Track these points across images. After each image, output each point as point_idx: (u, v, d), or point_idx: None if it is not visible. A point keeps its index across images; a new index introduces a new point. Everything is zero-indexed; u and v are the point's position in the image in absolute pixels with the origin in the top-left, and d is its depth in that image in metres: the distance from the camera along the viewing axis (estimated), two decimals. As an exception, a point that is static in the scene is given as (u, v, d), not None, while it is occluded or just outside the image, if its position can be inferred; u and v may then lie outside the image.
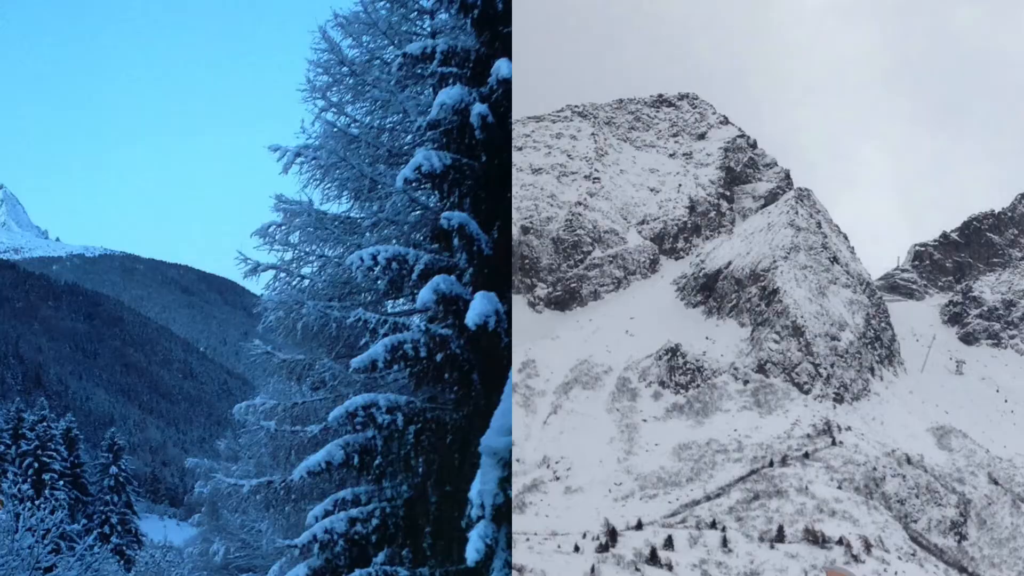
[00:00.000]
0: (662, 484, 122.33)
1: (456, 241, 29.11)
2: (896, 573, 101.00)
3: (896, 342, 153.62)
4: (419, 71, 31.47)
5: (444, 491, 30.00)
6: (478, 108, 28.32)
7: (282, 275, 36.93)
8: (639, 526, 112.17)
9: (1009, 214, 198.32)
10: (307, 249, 36.82)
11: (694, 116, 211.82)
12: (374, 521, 30.51)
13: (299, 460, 33.10)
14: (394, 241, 33.91)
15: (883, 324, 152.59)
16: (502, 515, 24.50)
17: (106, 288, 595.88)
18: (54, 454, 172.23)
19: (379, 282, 32.17)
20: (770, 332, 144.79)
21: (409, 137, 35.51)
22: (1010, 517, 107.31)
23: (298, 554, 32.12)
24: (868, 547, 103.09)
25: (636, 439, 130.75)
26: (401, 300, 35.53)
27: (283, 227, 36.38)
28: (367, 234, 34.72)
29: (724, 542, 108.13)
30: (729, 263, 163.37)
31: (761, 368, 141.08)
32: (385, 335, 30.09)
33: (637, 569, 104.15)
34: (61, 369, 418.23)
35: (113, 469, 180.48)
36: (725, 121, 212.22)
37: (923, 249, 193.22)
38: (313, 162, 34.94)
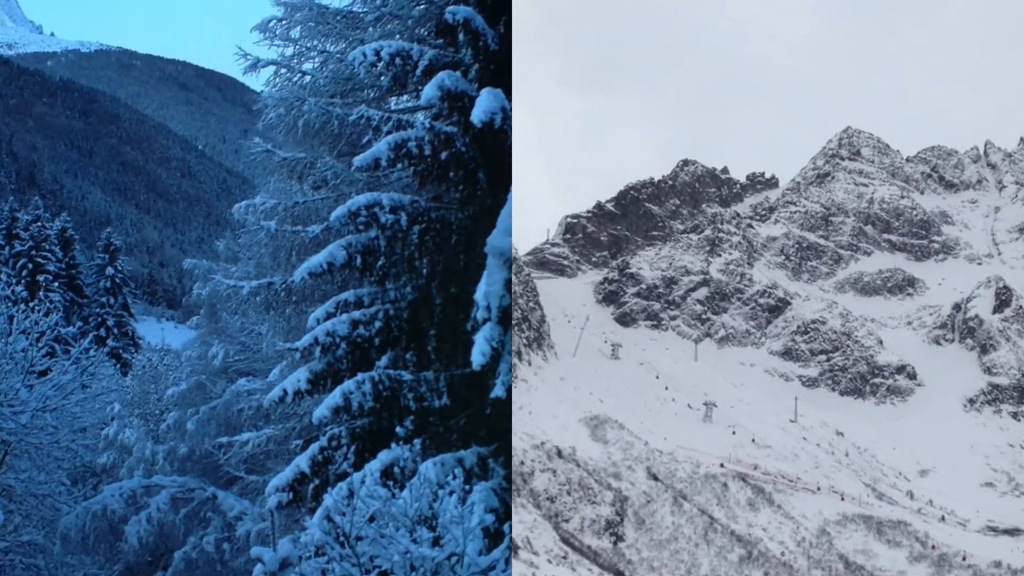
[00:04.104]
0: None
1: (461, 36, 28.90)
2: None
3: (546, 323, 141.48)
4: None
5: (449, 293, 30.21)
6: None
7: (283, 71, 36.73)
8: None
9: (670, 183, 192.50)
10: (308, 44, 36.55)
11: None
12: (377, 324, 30.75)
13: (300, 261, 33.21)
14: (397, 36, 33.59)
15: (531, 304, 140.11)
16: (508, 317, 24.75)
17: (102, 85, 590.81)
18: (49, 255, 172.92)
19: (382, 78, 31.99)
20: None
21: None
22: (671, 516, 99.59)
23: (299, 357, 32.47)
24: (515, 549, 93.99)
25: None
26: (405, 97, 35.32)
27: (284, 22, 36.06)
28: (370, 29, 34.38)
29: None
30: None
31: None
32: (388, 133, 30.03)
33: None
34: (56, 168, 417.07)
35: (109, 270, 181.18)
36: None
37: (575, 221, 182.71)
38: (314, -45, 34.54)
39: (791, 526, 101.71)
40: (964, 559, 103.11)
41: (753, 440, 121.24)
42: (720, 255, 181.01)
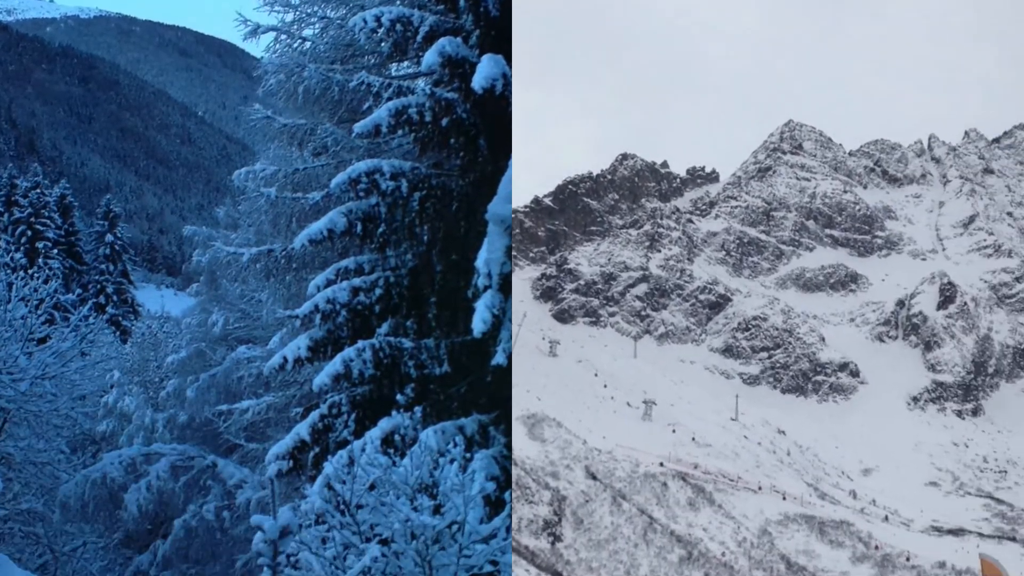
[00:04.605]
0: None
1: (462, 2, 28.83)
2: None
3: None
4: None
5: (449, 260, 30.19)
6: None
7: (283, 37, 36.62)
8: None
9: (609, 177, 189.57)
10: (308, 10, 36.44)
11: None
12: (377, 291, 30.75)
13: (300, 228, 33.19)
14: (398, 2, 33.43)
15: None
16: (508, 285, 24.74)
17: (101, 51, 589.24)
18: (48, 222, 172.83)
19: (383, 44, 31.94)
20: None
21: None
22: (610, 516, 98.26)
23: (299, 325, 32.50)
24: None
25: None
26: (405, 63, 35.24)
27: (283, -13, 35.99)
28: (370, -6, 34.27)
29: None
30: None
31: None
32: (389, 99, 29.96)
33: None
34: (55, 134, 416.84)
35: (109, 237, 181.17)
36: None
37: (512, 216, 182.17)
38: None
39: (732, 526, 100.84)
40: (908, 560, 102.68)
41: (693, 439, 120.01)
42: (660, 251, 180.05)
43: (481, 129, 29.19)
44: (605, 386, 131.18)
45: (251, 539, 18.23)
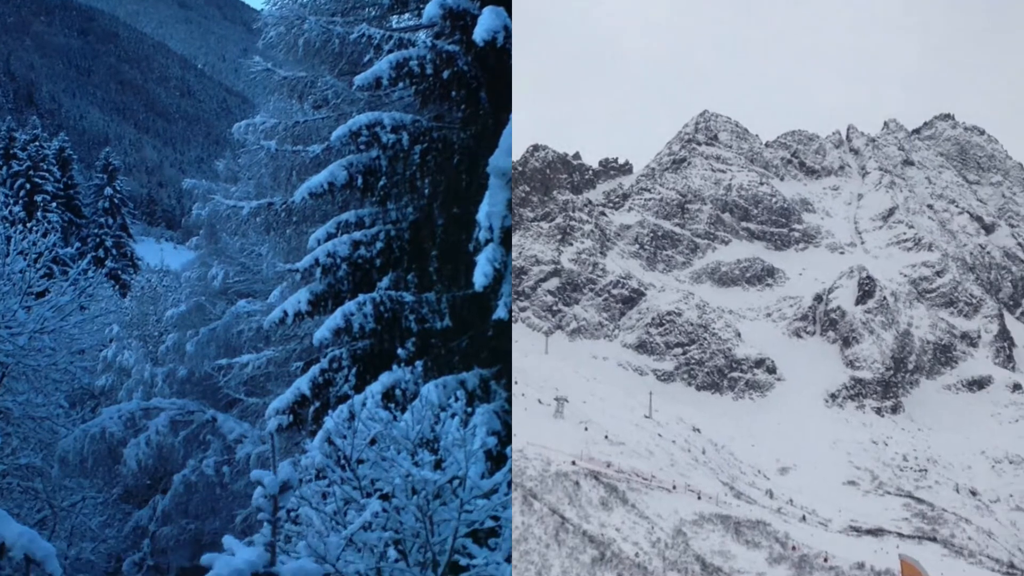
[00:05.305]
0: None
1: (463, -47, 28.63)
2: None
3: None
4: None
5: (451, 213, 30.15)
6: None
7: (283, -12, 36.52)
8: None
9: (520, 169, 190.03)
10: (308, -39, 36.30)
11: None
12: (378, 244, 30.73)
13: (300, 181, 33.14)
14: (399, -48, 33.36)
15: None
16: (509, 238, 24.68)
17: (100, 3, 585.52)
18: (47, 175, 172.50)
19: (383, -4, 31.81)
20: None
21: None
22: (521, 516, 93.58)
23: (299, 278, 32.49)
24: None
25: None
26: (406, 15, 35.11)
27: (284, -62, 35.84)
28: (371, -55, 34.15)
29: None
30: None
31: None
32: (390, 51, 29.87)
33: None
34: (54, 87, 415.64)
35: (108, 190, 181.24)
36: None
37: None
38: None
39: (646, 526, 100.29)
40: (826, 560, 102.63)
41: (606, 437, 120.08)
42: (572, 244, 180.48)
43: (482, 82, 29.09)
44: (516, 383, 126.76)
45: (251, 494, 18.22)
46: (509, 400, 28.78)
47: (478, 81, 29.09)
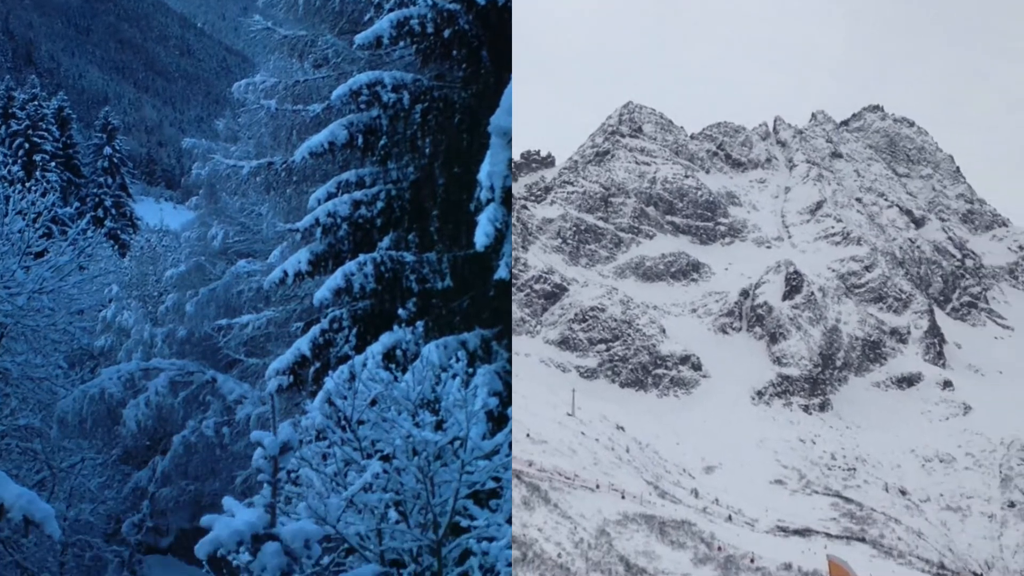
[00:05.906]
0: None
1: (465, -91, 28.47)
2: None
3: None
4: None
5: (452, 173, 30.07)
6: None
7: (283, -54, 36.35)
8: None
9: None
10: (309, -83, 36.08)
11: None
12: (379, 204, 30.68)
13: (300, 140, 33.06)
14: (400, -92, 33.11)
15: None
16: (510, 198, 24.60)
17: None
18: (45, 134, 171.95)
19: (384, -47, 31.61)
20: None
21: None
22: None
23: (299, 238, 32.45)
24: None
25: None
26: (408, -28, 34.94)
27: None
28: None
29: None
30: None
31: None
32: (391, 10, 29.75)
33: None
34: (52, 46, 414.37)
35: (107, 150, 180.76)
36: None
37: None
38: None
39: (568, 526, 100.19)
40: (752, 561, 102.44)
41: (528, 435, 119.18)
42: None
43: (484, 40, 28.98)
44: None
45: (251, 455, 18.23)
46: (510, 360, 28.76)
47: (479, 40, 28.98)
